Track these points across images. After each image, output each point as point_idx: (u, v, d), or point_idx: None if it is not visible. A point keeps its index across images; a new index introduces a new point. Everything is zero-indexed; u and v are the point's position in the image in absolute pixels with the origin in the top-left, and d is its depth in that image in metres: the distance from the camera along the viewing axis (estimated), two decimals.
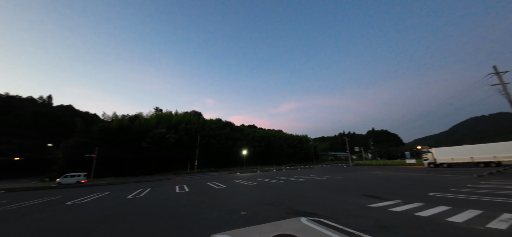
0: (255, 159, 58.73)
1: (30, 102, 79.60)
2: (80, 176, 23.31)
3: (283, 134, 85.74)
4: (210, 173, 35.72)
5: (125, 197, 10.77)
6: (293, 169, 36.48)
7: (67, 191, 16.45)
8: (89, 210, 7.88)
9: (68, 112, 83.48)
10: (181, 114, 64.10)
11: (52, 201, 10.90)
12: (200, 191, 12.12)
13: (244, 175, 26.52)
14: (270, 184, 13.87)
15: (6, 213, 8.16)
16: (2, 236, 5.23)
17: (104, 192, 13.72)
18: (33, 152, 50.76)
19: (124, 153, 39.14)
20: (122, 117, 52.27)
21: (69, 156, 34.42)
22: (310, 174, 21.19)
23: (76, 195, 12.70)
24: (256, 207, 6.76)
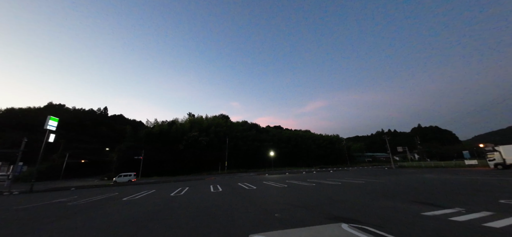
0: (282, 161, 57.92)
1: (91, 113, 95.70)
2: (131, 176, 26.96)
3: (311, 134, 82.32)
4: (239, 174, 36.70)
5: (168, 195, 11.97)
6: (325, 172, 34.66)
7: (122, 188, 19.15)
8: (142, 206, 9.02)
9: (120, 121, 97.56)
10: (211, 118, 67.95)
11: (112, 197, 12.82)
12: (232, 191, 12.58)
13: (272, 176, 26.44)
14: (302, 186, 13.47)
15: (79, 206, 9.95)
16: (81, 224, 6.40)
17: (151, 190, 15.49)
18: (94, 155, 60.64)
19: (164, 155, 43.51)
20: (161, 123, 58.36)
21: (122, 158, 40.05)
22: (345, 177, 19.80)
23: (130, 192, 14.67)
24: (290, 210, 6.66)
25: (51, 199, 13.19)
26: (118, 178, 26.62)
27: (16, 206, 10.51)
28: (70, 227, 6.04)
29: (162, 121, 59.70)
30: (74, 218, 7.23)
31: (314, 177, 21.82)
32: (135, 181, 26.78)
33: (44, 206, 10.19)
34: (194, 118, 65.74)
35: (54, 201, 12.10)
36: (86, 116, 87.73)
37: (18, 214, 8.27)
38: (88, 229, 5.70)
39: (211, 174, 39.94)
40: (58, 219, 7.10)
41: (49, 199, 13.23)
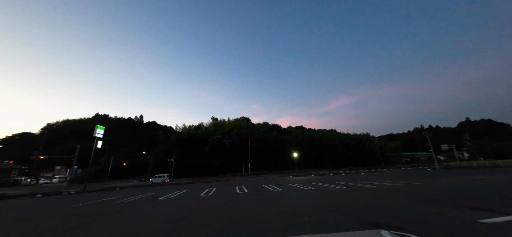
0: (307, 162, 56.06)
1: (129, 122, 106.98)
2: (164, 177, 29.33)
3: (337, 133, 77.95)
4: (263, 176, 36.72)
5: (198, 195, 12.63)
6: (355, 173, 32.41)
7: (158, 188, 20.92)
8: (175, 205, 9.70)
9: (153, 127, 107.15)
10: (232, 121, 69.90)
11: (150, 196, 14.08)
12: (258, 193, 12.64)
13: (297, 178, 25.77)
14: (330, 189, 12.81)
15: (124, 204, 11.15)
16: (127, 220, 7.16)
17: (183, 190, 16.56)
18: (133, 158, 67.61)
19: (192, 157, 46.20)
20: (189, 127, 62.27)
21: (156, 161, 43.85)
22: (379, 179, 18.20)
23: (165, 192, 15.93)
24: (320, 214, 6.37)
25: (101, 198, 15.12)
26: (154, 179, 29.22)
27: (74, 204, 12.29)
28: (118, 222, 6.82)
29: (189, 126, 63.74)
30: (121, 214, 8.15)
31: (343, 179, 20.57)
32: (168, 182, 29.03)
33: (95, 204, 11.72)
34: (217, 122, 68.53)
35: (103, 199, 13.84)
36: (125, 124, 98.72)
37: (77, 211, 9.66)
38: (133, 224, 6.35)
39: (235, 175, 40.90)
40: (108, 216, 8.09)
41: (99, 198, 15.18)
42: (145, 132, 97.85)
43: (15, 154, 64.74)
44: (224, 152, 49.59)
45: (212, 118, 73.20)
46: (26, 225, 7.19)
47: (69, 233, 5.78)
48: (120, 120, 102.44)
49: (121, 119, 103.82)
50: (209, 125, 65.29)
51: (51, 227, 6.61)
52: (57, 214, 9.05)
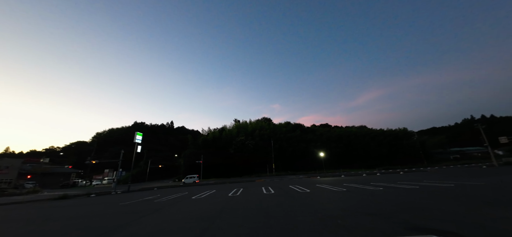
0: (334, 162, 53.16)
1: (162, 127, 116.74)
2: (195, 177, 31.29)
3: (368, 130, 72.15)
4: (288, 176, 36.11)
5: (227, 195, 13.11)
6: (392, 173, 29.58)
7: (189, 188, 22.37)
8: (207, 204, 10.25)
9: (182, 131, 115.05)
10: (254, 122, 70.58)
11: (184, 196, 15.15)
12: (285, 193, 12.50)
13: (326, 179, 24.66)
14: (365, 191, 11.93)
15: (162, 203, 12.21)
16: (167, 218, 7.83)
17: (212, 190, 17.38)
18: (167, 160, 73.47)
19: (218, 159, 48.14)
20: (213, 130, 65.07)
21: (187, 163, 46.97)
22: (423, 179, 16.28)
23: (196, 192, 16.95)
24: (355, 217, 5.98)
25: (142, 197, 16.85)
26: (186, 179, 31.43)
27: (121, 203, 13.93)
28: (160, 219, 7.52)
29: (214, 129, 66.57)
30: (161, 212, 8.97)
31: (378, 179, 18.96)
32: (198, 182, 30.84)
33: (138, 203, 13.11)
34: (239, 124, 70.10)
35: (145, 198, 15.40)
36: (159, 130, 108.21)
37: (125, 209, 10.93)
38: (173, 221, 6.93)
39: (260, 176, 41.17)
40: (150, 213, 8.98)
41: (141, 197, 16.93)
42: (175, 136, 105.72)
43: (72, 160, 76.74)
44: (247, 153, 50.44)
45: (235, 120, 75.23)
46: (86, 221, 8.46)
47: (120, 228, 6.60)
48: (154, 126, 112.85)
49: (155, 126, 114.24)
50: (232, 127, 67.24)
51: (106, 223, 7.64)
52: (109, 211, 10.41)
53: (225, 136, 57.50)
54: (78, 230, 6.79)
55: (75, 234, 6.22)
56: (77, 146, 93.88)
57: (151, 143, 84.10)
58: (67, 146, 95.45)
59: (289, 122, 75.65)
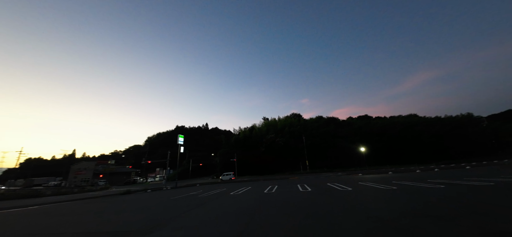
0: (378, 157, 47.86)
1: (198, 130, 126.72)
2: (231, 175, 33.13)
3: (420, 118, 62.32)
4: (324, 174, 34.39)
5: (263, 192, 13.43)
6: (455, 168, 24.95)
7: (227, 185, 23.79)
8: (245, 200, 10.74)
9: (216, 132, 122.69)
10: (283, 119, 69.59)
11: (222, 192, 16.22)
12: (323, 191, 12.00)
13: (369, 176, 22.52)
14: (421, 189, 10.44)
15: (205, 198, 13.37)
16: (212, 211, 8.56)
17: (248, 187, 18.06)
18: (205, 159, 79.62)
19: (250, 157, 49.54)
20: (244, 129, 67.18)
21: (222, 161, 49.98)
22: (499, 175, 13.26)
23: (233, 189, 17.92)
24: (414, 219, 5.22)
25: (188, 192, 18.78)
26: (223, 176, 33.62)
27: (172, 197, 15.82)
28: (205, 212, 8.30)
29: (244, 128, 68.66)
30: (205, 206, 9.87)
31: (437, 176, 16.30)
32: (234, 179, 32.52)
33: (186, 197, 14.68)
34: (268, 122, 70.29)
35: (190, 194, 17.14)
36: (196, 132, 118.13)
37: (175, 203, 12.40)
38: (217, 215, 7.55)
39: (293, 173, 40.50)
40: (197, 207, 9.97)
41: (187, 192, 18.89)
42: (210, 137, 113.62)
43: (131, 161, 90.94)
44: (278, 151, 50.25)
45: (263, 119, 75.80)
46: (149, 212, 9.97)
47: (174, 219, 7.56)
48: (192, 129, 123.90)
49: (193, 128, 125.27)
50: (261, 125, 68.02)
51: (164, 215, 8.85)
52: (164, 204, 12.01)
53: (255, 135, 58.67)
54: (145, 220, 8.09)
55: (143, 223, 7.43)
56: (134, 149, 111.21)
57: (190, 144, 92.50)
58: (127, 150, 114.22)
59: (321, 116, 71.83)
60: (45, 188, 37.92)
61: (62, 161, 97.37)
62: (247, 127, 69.34)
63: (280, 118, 70.25)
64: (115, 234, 6.18)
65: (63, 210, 13.12)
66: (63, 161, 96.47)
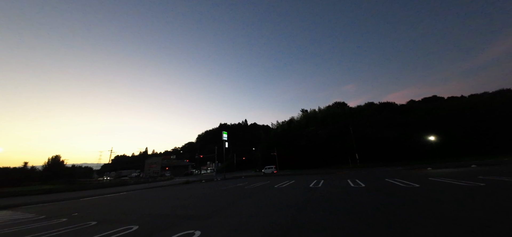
0: (453, 148, 38.52)
1: (238, 126, 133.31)
2: (272, 168, 33.80)
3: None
4: (381, 168, 30.49)
5: (308, 186, 13.19)
6: None
7: (269, 177, 24.46)
8: (290, 193, 10.85)
9: (255, 127, 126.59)
10: (324, 109, 64.95)
11: (266, 184, 16.81)
12: (381, 187, 10.77)
13: (442, 171, 18.64)
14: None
15: (251, 189, 14.21)
16: (260, 202, 9.07)
17: (291, 180, 18.06)
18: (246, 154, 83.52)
19: (290, 151, 48.93)
20: (282, 123, 66.65)
21: (263, 155, 51.42)
22: None
23: (277, 182, 18.29)
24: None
25: (235, 184, 20.37)
26: (265, 169, 34.70)
27: (222, 188, 17.51)
28: (253, 202, 8.90)
29: (282, 122, 68.05)
30: (252, 197, 10.54)
31: None
32: (276, 173, 33.05)
33: (234, 188, 15.99)
34: (307, 113, 67.09)
35: (237, 185, 18.55)
36: (237, 128, 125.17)
37: (226, 193, 13.71)
38: (264, 206, 7.98)
39: (342, 168, 37.53)
40: (246, 197, 10.77)
41: (234, 184, 20.50)
42: (250, 132, 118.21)
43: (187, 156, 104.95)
44: (320, 144, 47.52)
45: (302, 111, 72.84)
46: (204, 200, 11.46)
47: (227, 207, 8.44)
48: (233, 125, 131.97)
49: (234, 125, 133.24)
50: (300, 118, 65.73)
51: (217, 204, 10.00)
52: (216, 194, 13.49)
53: (294, 128, 57.32)
54: (204, 207, 9.38)
55: (203, 209, 8.64)
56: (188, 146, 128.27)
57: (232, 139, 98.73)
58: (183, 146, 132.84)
59: (371, 102, 63.21)
60: (129, 178, 48.75)
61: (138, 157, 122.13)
62: (284, 121, 68.55)
63: (321, 109, 66.07)
64: (183, 217, 7.45)
65: (143, 195, 16.62)
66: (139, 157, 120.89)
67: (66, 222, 8.22)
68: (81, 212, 10.63)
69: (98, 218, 8.51)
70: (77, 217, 9.24)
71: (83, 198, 17.82)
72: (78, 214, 10.02)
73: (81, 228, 7.01)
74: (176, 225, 6.26)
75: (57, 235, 6.39)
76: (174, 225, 6.35)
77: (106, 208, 11.46)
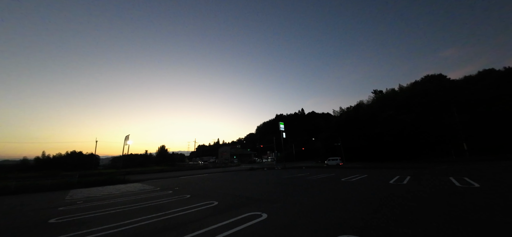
0: None
1: (295, 116, 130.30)
2: (338, 160, 31.09)
3: None
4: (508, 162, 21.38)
5: (387, 182, 11.24)
6: None
7: (334, 170, 22.67)
8: (362, 189, 9.71)
9: (313, 116, 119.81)
10: (409, 86, 51.76)
11: (331, 177, 15.75)
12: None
13: None
14: None
15: (314, 181, 13.77)
16: (323, 192, 8.76)
17: (362, 175, 15.95)
18: (305, 144, 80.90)
19: (358, 140, 42.89)
20: (346, 109, 59.15)
21: (324, 145, 48.18)
22: None
23: (344, 175, 16.73)
24: None
25: (296, 173, 20.39)
26: (328, 161, 32.46)
27: (283, 176, 17.98)
28: (318, 194, 8.69)
29: (347, 108, 60.13)
30: (316, 188, 10.28)
31: None
32: (342, 165, 30.19)
33: (295, 178, 16.08)
34: (382, 95, 55.78)
35: (298, 175, 18.52)
36: (293, 118, 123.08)
37: (288, 182, 14.07)
38: (332, 200, 7.62)
39: (438, 162, 28.75)
40: (308, 188, 10.67)
41: (295, 173, 20.55)
42: (307, 122, 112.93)
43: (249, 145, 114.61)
44: (402, 131, 38.44)
45: (374, 92, 61.12)
46: (268, 186, 12.25)
47: (289, 195, 8.69)
48: (289, 115, 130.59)
49: (290, 115, 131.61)
50: (371, 101, 55.64)
51: (281, 190, 10.48)
52: (279, 182, 14.09)
53: (363, 114, 49.20)
54: (269, 192, 10.14)
55: (268, 194, 9.36)
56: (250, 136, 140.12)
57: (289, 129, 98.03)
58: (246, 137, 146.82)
59: (492, 69, 44.30)
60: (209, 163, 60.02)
61: (213, 146, 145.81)
62: (350, 106, 60.24)
63: (402, 87, 53.30)
64: (251, 199, 8.39)
65: (219, 177, 19.85)
66: (214, 146, 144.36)
67: (172, 194, 11.22)
68: (180, 187, 14.13)
69: (191, 193, 11.06)
70: (178, 190, 12.38)
71: (179, 177, 23.50)
72: (178, 188, 13.40)
73: (181, 199, 9.37)
74: (245, 205, 7.17)
75: (168, 201, 8.89)
76: (243, 205, 7.31)
77: (195, 185, 14.65)
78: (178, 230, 4.95)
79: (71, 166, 54.30)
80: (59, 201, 10.72)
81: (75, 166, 53.87)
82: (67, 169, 49.02)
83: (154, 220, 6.00)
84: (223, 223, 5.20)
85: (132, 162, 71.86)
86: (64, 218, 6.80)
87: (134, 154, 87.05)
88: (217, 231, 4.68)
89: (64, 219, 6.69)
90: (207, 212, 6.55)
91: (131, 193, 12.59)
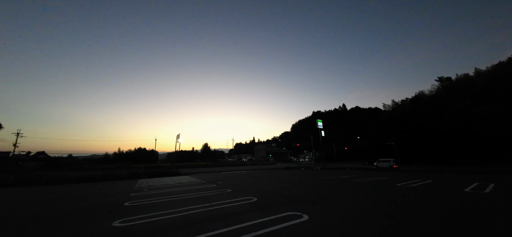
0: None
1: (335, 112, 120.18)
2: (391, 162, 27.10)
3: None
4: None
5: (462, 190, 9.11)
6: None
7: (386, 173, 19.80)
8: (426, 195, 8.17)
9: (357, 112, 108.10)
10: (489, 70, 40.14)
11: (383, 180, 13.81)
12: None
13: None
14: None
15: (360, 184, 12.40)
16: (374, 198, 7.78)
17: (426, 180, 13.37)
18: (347, 143, 73.93)
19: (417, 139, 36.17)
20: (401, 102, 50.69)
21: (373, 145, 42.79)
22: None
23: (399, 179, 14.42)
24: None
25: (338, 175, 18.84)
26: (378, 163, 28.64)
27: (323, 177, 16.94)
28: (365, 198, 7.77)
29: (401, 101, 51.44)
30: (362, 192, 9.22)
31: None
32: (396, 168, 26.14)
33: (337, 180, 14.87)
34: (450, 82, 45.24)
35: (341, 177, 17.06)
36: (333, 115, 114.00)
37: (329, 183, 13.15)
38: (386, 206, 6.70)
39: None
40: (352, 191, 9.70)
41: (337, 175, 19.00)
42: (351, 118, 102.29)
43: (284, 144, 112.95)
44: (480, 127, 30.07)
45: (439, 80, 50.13)
46: (307, 186, 11.76)
47: (331, 198, 8.07)
48: (328, 112, 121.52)
49: (329, 111, 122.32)
50: (435, 90, 45.83)
51: (321, 192, 9.88)
52: (318, 183, 13.33)
53: (424, 106, 40.89)
54: (309, 193, 9.76)
55: (308, 195, 9.01)
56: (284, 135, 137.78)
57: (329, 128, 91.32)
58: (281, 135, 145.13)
59: None
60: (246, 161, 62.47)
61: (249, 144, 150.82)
62: (406, 99, 51.25)
63: (479, 71, 41.97)
64: (291, 198, 8.23)
65: (257, 174, 20.38)
66: (250, 144, 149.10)
67: (215, 187, 12.20)
68: (222, 181, 15.22)
69: (232, 187, 11.76)
70: (220, 185, 13.37)
71: (221, 172, 25.36)
72: (221, 182, 14.46)
73: (224, 192, 10.07)
74: (284, 205, 7.08)
75: (213, 194, 9.70)
76: (282, 204, 7.24)
77: (235, 180, 15.51)
78: (224, 221, 5.34)
79: (138, 160, 66.18)
80: (131, 188, 13.23)
81: (141, 160, 65.36)
82: (135, 161, 59.94)
83: (204, 209, 6.67)
84: (264, 220, 5.30)
85: (183, 157, 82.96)
86: (136, 202, 8.34)
87: (183, 150, 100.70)
88: (258, 226, 4.81)
89: (135, 203, 8.21)
90: (247, 207, 6.81)
91: (183, 184, 14.36)
